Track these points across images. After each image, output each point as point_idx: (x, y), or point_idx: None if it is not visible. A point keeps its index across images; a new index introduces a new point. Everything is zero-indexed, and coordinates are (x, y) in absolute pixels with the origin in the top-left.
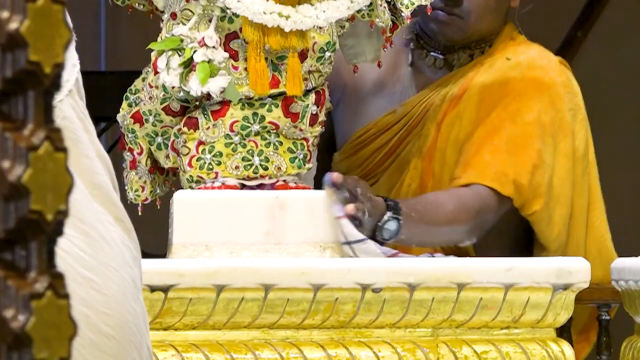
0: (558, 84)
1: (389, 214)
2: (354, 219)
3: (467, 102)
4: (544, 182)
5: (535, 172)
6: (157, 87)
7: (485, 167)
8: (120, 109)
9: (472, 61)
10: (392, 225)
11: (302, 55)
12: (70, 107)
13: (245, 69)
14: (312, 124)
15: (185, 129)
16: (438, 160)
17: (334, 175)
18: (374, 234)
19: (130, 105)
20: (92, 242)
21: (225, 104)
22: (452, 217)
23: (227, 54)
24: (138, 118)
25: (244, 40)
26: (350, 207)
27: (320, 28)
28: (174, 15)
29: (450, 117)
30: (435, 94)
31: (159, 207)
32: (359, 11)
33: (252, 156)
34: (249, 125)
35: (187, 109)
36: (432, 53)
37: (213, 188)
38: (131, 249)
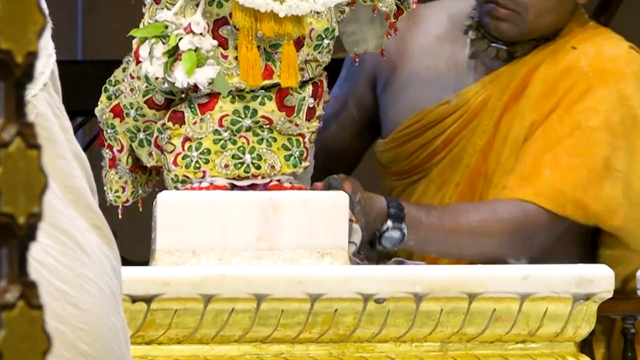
0: (628, 75)
1: (389, 222)
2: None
3: (528, 98)
4: (616, 194)
5: (602, 184)
6: (139, 78)
7: (543, 185)
8: (99, 102)
9: (533, 51)
10: (394, 234)
11: (298, 43)
12: (44, 103)
13: (236, 58)
14: (308, 119)
15: (169, 124)
16: (493, 161)
17: (347, 187)
18: (374, 243)
19: (109, 98)
20: (68, 251)
21: (213, 96)
22: (477, 226)
23: (215, 42)
24: (118, 112)
25: (234, 26)
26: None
27: (317, 13)
28: None
29: (510, 114)
30: (495, 86)
31: (140, 210)
32: None
33: (243, 154)
34: (240, 119)
35: (172, 102)
36: (493, 44)
37: (200, 189)
38: (110, 258)
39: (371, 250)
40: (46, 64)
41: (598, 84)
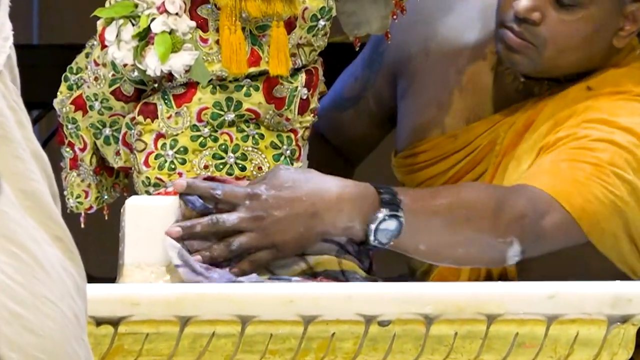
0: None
1: (384, 211)
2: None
3: (526, 141)
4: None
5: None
6: (104, 65)
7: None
8: (58, 93)
9: (548, 90)
10: (391, 225)
11: (289, 25)
12: None
13: (217, 42)
14: (301, 112)
15: (140, 119)
16: None
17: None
18: (366, 238)
19: (70, 88)
20: (24, 267)
21: (191, 86)
22: (475, 212)
23: (193, 23)
24: (80, 104)
25: (215, 5)
26: (176, 230)
27: None
28: None
29: (507, 160)
30: (502, 126)
31: (106, 218)
32: None
33: (226, 153)
34: (222, 113)
35: (143, 93)
36: (509, 70)
37: (176, 193)
38: (74, 275)
39: (361, 248)
40: (1, 48)
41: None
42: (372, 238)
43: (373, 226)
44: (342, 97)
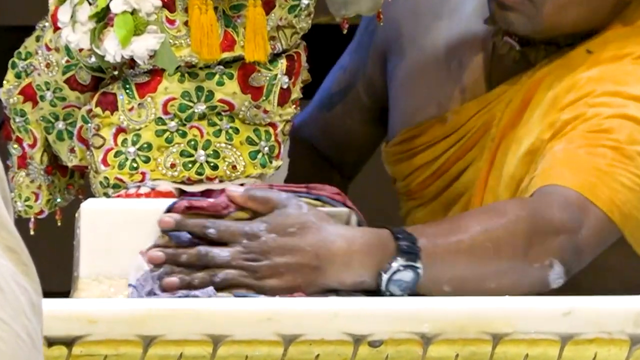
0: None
1: (400, 260)
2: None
3: (527, 121)
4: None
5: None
6: (57, 50)
7: (555, 171)
8: (4, 82)
9: (546, 59)
10: (406, 276)
11: (268, 4)
12: None
13: (186, 23)
14: (281, 103)
15: (98, 111)
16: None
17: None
18: (377, 288)
19: (18, 76)
20: None
21: (156, 74)
22: (483, 235)
23: (159, 2)
24: (30, 94)
25: None
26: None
27: None
28: None
29: (506, 143)
30: (498, 105)
31: (59, 224)
32: None
33: (195, 149)
34: (191, 104)
35: (101, 82)
36: (505, 38)
37: (138, 195)
38: (28, 291)
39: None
40: None
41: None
42: (383, 289)
43: (386, 276)
44: (330, 93)
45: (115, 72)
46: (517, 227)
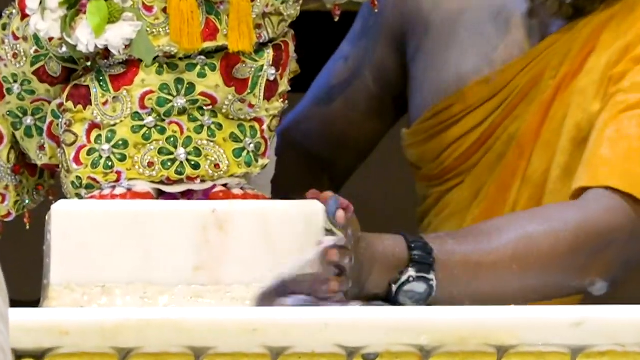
0: None
1: (411, 271)
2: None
3: (591, 71)
4: None
5: None
6: (25, 39)
7: (604, 164)
8: None
9: (603, 4)
10: (418, 287)
11: None
12: None
13: (165, 10)
14: (268, 97)
15: (69, 105)
16: (538, 158)
17: (339, 215)
18: (388, 296)
19: None
20: None
21: (132, 65)
22: (515, 248)
23: None
24: None
25: None
26: (334, 252)
27: None
28: None
29: (567, 95)
30: (550, 56)
31: (28, 227)
32: None
33: (175, 147)
34: (170, 98)
35: (73, 74)
36: None
37: (114, 197)
38: None
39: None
40: None
41: None
42: (393, 299)
43: (395, 287)
44: (330, 86)
45: (88, 63)
46: (558, 239)
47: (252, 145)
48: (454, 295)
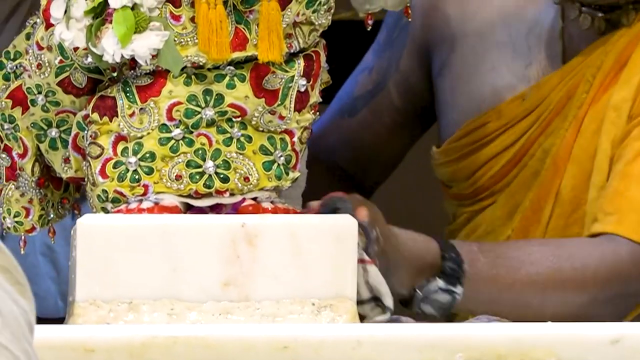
0: None
1: (440, 282)
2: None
3: (626, 81)
4: None
5: None
6: (50, 49)
7: (629, 207)
8: None
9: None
10: (443, 298)
11: None
12: None
13: (193, 19)
14: (299, 109)
15: (95, 117)
16: (572, 175)
17: (362, 214)
18: (408, 302)
19: (6, 78)
20: None
21: (159, 76)
22: (547, 279)
23: None
24: (20, 99)
25: None
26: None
27: None
28: None
29: (600, 106)
30: (584, 70)
31: (53, 242)
32: None
33: (204, 160)
34: (199, 109)
35: (99, 85)
36: (584, 8)
37: (140, 211)
38: (27, 312)
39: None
40: None
41: None
42: (416, 307)
43: (420, 293)
44: (353, 97)
45: (114, 74)
46: (585, 275)
47: (282, 158)
48: (471, 309)
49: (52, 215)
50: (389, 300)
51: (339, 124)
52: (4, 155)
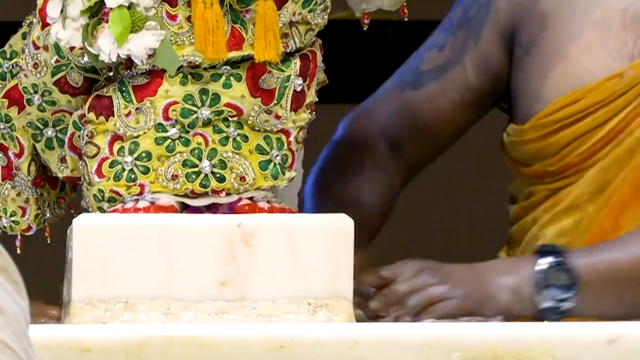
0: None
1: (548, 259)
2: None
3: None
4: None
5: None
6: (46, 49)
7: None
8: None
9: None
10: (560, 278)
11: None
12: None
13: (189, 19)
14: (295, 108)
15: (91, 116)
16: None
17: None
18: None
19: (2, 78)
20: None
21: (156, 75)
22: None
23: None
24: (15, 98)
25: None
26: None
27: None
28: None
29: None
30: None
31: (49, 242)
32: None
33: (200, 159)
34: (195, 109)
35: (95, 84)
36: None
37: (136, 210)
38: (24, 310)
39: None
40: None
41: None
42: (538, 300)
43: (536, 281)
44: (418, 72)
45: (111, 73)
46: None
47: (278, 158)
48: (601, 297)
49: (48, 215)
50: None
51: (397, 97)
52: (0, 155)
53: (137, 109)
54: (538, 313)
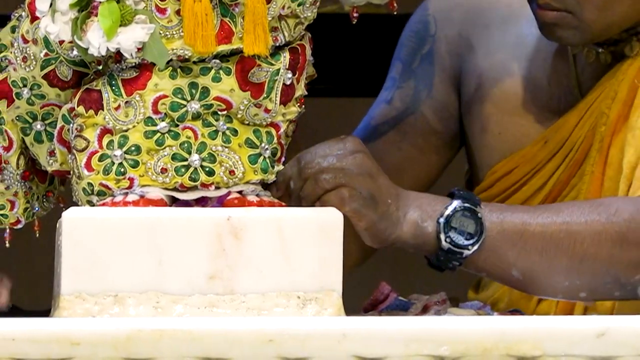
0: None
1: (457, 203)
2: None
3: (638, 107)
4: None
5: None
6: (35, 42)
7: None
8: None
9: None
10: (468, 224)
11: None
12: None
13: (178, 12)
14: (284, 101)
15: (80, 110)
16: None
17: None
18: (437, 245)
19: None
20: None
21: (145, 69)
22: (585, 226)
23: None
24: (4, 92)
25: None
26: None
27: None
28: None
29: (621, 136)
30: (601, 104)
31: (38, 235)
32: None
33: (189, 153)
34: (184, 102)
35: (84, 78)
36: (587, 45)
37: (126, 204)
38: None
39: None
40: None
41: None
42: (443, 238)
43: (442, 220)
44: (371, 127)
45: (100, 67)
46: (612, 227)
47: (268, 151)
48: (501, 257)
49: (37, 208)
50: None
51: None
52: None
53: (126, 102)
54: (436, 253)
